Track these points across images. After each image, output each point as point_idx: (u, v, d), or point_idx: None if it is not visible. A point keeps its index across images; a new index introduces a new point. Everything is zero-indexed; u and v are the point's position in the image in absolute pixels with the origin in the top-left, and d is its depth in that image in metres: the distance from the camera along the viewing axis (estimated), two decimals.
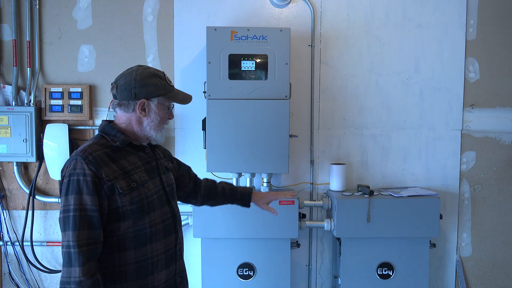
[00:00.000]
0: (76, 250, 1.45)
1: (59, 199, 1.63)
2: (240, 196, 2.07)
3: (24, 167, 2.95)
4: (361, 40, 2.91)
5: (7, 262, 3.00)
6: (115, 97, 1.65)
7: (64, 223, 1.49)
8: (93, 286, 1.47)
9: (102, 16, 2.89)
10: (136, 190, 1.58)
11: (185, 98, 1.74)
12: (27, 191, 2.91)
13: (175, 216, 1.73)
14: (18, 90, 2.88)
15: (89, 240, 1.48)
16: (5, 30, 2.91)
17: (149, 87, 1.62)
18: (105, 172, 1.52)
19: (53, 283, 3.03)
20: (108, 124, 1.66)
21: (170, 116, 1.74)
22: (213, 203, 2.08)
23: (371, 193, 2.68)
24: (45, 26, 2.90)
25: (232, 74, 2.54)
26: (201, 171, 2.90)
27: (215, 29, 2.54)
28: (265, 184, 2.72)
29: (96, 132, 2.87)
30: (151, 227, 1.61)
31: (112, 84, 1.67)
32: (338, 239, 2.72)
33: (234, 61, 2.54)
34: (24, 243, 2.92)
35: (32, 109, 2.83)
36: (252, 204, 2.10)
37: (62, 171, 1.57)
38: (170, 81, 1.70)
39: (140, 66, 1.68)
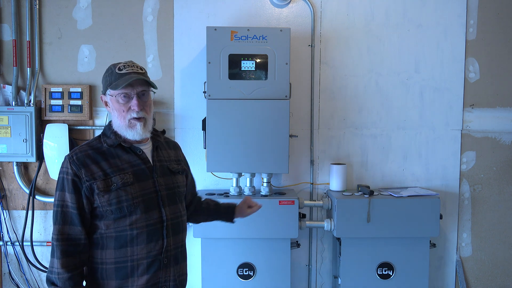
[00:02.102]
0: (55, 243, 1.56)
1: None
2: (225, 210, 2.03)
3: (24, 167, 2.95)
4: (361, 40, 2.91)
5: (7, 262, 3.00)
6: None
7: (52, 216, 1.62)
8: (69, 280, 1.54)
9: (102, 16, 2.89)
10: (115, 192, 1.57)
11: (127, 80, 1.56)
12: (27, 191, 2.91)
13: (164, 222, 1.62)
14: (18, 90, 2.88)
15: (67, 236, 1.56)
16: (5, 30, 2.91)
17: (103, 82, 1.66)
18: (84, 173, 1.57)
19: None
20: (109, 124, 1.69)
21: (132, 106, 1.58)
22: (196, 220, 2.05)
23: (371, 193, 2.68)
24: (45, 26, 2.90)
25: (232, 74, 2.54)
26: (201, 171, 2.90)
27: (215, 29, 2.54)
28: (265, 184, 2.72)
29: (97, 132, 2.92)
30: (132, 230, 1.58)
31: None
32: (338, 239, 2.72)
33: (234, 61, 2.54)
34: (24, 243, 2.92)
35: (32, 109, 2.83)
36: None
37: None
38: (121, 69, 1.59)
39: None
